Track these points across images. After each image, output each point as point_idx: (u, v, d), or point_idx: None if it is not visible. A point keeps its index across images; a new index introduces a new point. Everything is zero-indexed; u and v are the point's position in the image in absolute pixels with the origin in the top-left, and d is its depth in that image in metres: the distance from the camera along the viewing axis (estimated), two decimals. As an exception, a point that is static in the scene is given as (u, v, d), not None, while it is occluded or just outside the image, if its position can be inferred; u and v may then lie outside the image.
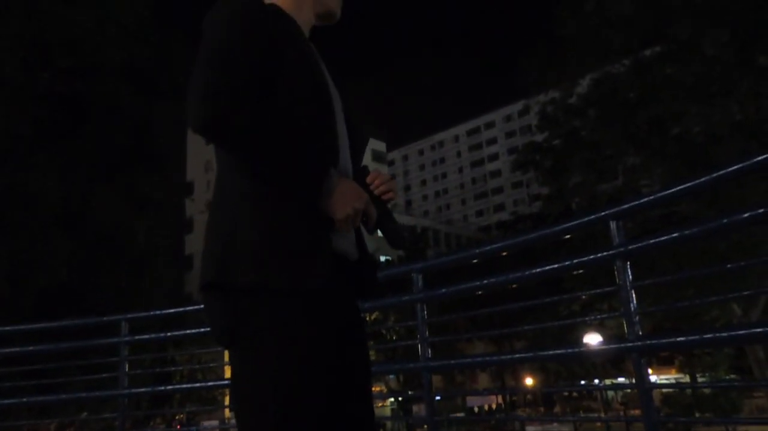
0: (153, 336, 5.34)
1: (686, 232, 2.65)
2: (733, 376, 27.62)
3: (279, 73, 1.34)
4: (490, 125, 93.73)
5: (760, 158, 2.46)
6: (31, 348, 5.23)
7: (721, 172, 2.60)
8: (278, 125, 1.27)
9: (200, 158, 47.09)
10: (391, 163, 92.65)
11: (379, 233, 1.46)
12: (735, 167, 2.53)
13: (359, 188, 1.33)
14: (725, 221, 2.52)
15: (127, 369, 4.67)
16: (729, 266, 7.38)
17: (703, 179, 2.67)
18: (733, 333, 2.42)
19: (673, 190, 2.83)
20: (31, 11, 14.36)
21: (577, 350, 3.65)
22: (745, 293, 9.74)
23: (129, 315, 4.83)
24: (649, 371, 2.96)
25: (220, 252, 1.28)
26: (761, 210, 2.34)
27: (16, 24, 14.16)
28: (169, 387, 6.51)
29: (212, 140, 1.29)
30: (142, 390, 5.30)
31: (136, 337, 4.85)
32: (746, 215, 2.41)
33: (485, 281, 3.56)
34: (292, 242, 1.27)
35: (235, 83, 1.25)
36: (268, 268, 1.24)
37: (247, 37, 1.32)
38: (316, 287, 1.26)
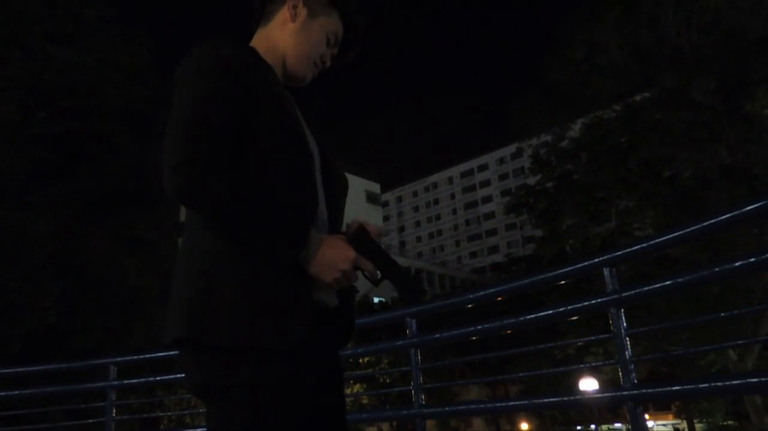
0: (141, 379, 5.24)
1: (679, 280, 2.66)
2: (731, 422, 27.28)
3: (255, 124, 1.30)
4: (483, 168, 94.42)
5: (750, 206, 2.48)
6: (16, 392, 5.11)
7: (713, 220, 2.61)
8: (254, 188, 1.23)
9: (194, 198, 47.10)
10: (385, 204, 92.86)
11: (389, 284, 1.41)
12: (727, 215, 2.55)
13: (344, 247, 1.29)
14: (717, 269, 2.53)
15: (114, 414, 4.57)
16: (723, 314, 7.38)
17: (695, 227, 2.68)
18: (728, 383, 2.40)
19: (665, 237, 2.84)
20: (30, 53, 14.56)
21: (572, 398, 3.61)
22: (740, 342, 9.72)
23: (117, 359, 4.74)
24: (646, 417, 2.92)
25: (193, 308, 1.23)
26: (753, 259, 2.34)
27: (16, 65, 14.33)
28: (157, 433, 6.36)
29: (188, 207, 1.25)
30: (129, 436, 5.18)
31: (125, 381, 4.76)
32: (738, 263, 2.42)
33: (479, 327, 3.54)
34: (270, 300, 1.23)
35: (208, 148, 1.21)
36: (245, 326, 1.20)
37: (219, 94, 1.27)
38: (295, 345, 1.22)
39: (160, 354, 5.06)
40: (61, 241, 15.45)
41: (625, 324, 2.83)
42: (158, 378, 5.11)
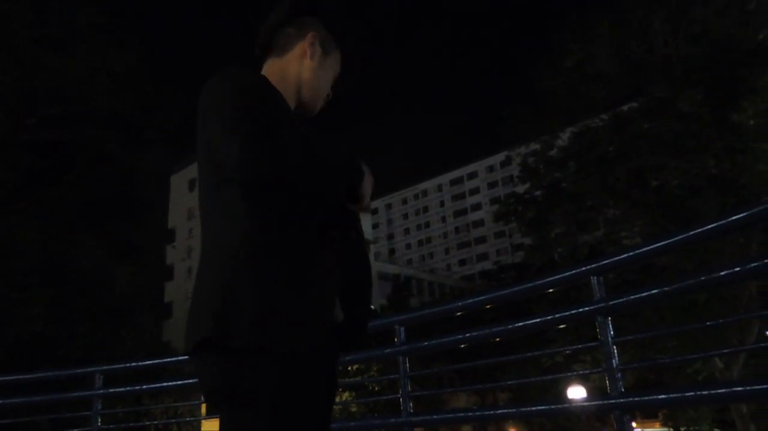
0: (128, 388, 5.20)
1: (666, 288, 2.67)
2: (717, 430, 27.37)
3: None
4: (472, 175, 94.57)
5: (736, 216, 2.51)
6: (0, 401, 5.05)
7: (700, 229, 2.64)
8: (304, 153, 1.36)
9: (183, 205, 46.72)
10: (374, 212, 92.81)
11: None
12: (713, 224, 2.58)
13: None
14: (704, 278, 2.55)
15: (99, 423, 4.53)
16: (709, 323, 7.44)
17: (682, 236, 2.71)
18: (714, 392, 2.42)
19: (652, 246, 2.86)
20: (19, 59, 14.45)
21: (560, 406, 3.62)
22: (726, 350, 9.83)
23: (103, 367, 4.69)
24: (633, 425, 2.93)
25: (218, 310, 1.28)
26: (738, 269, 2.37)
27: (5, 71, 14.22)
28: (143, 442, 6.32)
29: (263, 180, 1.32)
30: (115, 445, 5.13)
31: (111, 390, 4.71)
32: (724, 272, 2.44)
33: (468, 335, 3.54)
34: (292, 306, 1.30)
35: (257, 128, 1.31)
36: (266, 330, 1.27)
37: (250, 94, 1.39)
38: (311, 351, 1.30)
39: (147, 363, 5.03)
40: (50, 248, 15.31)
41: (612, 333, 2.85)
42: (144, 387, 5.07)
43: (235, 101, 1.37)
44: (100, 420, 4.49)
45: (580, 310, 2.99)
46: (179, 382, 4.59)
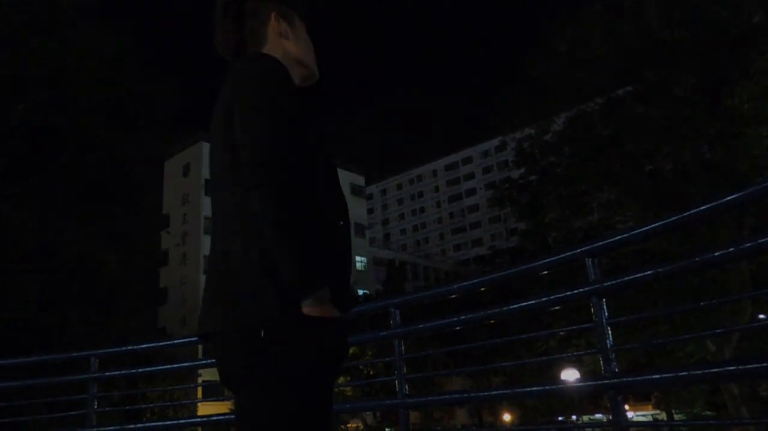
0: (123, 372, 5.21)
1: (660, 270, 2.68)
2: (709, 412, 27.70)
3: (306, 134, 1.44)
4: (467, 161, 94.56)
5: (729, 197, 2.51)
6: (-5, 385, 5.05)
7: (693, 211, 2.64)
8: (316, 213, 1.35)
9: (177, 191, 46.45)
10: (369, 197, 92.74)
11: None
12: (706, 206, 2.58)
13: (337, 315, 1.33)
14: (697, 259, 2.56)
15: (96, 406, 4.54)
16: (702, 303, 7.50)
17: (674, 218, 2.71)
18: (706, 371, 2.44)
19: (646, 228, 2.87)
20: (6, 42, 14.28)
21: (554, 387, 3.64)
22: (718, 331, 9.93)
23: (99, 351, 4.70)
24: (626, 407, 2.96)
25: (280, 292, 1.29)
26: (731, 249, 2.38)
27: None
28: (140, 425, 6.31)
29: (261, 204, 1.27)
30: (111, 428, 5.14)
31: (106, 373, 4.72)
32: (717, 253, 2.45)
33: (463, 317, 3.55)
34: (332, 283, 1.34)
35: (286, 137, 1.32)
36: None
37: (289, 92, 1.42)
38: (347, 321, 1.39)
39: (142, 346, 5.03)
40: (41, 234, 15.23)
41: (606, 314, 2.87)
42: (140, 370, 5.08)
43: (271, 93, 1.37)
44: (96, 403, 4.50)
45: (575, 291, 3.00)
46: (175, 365, 4.60)
